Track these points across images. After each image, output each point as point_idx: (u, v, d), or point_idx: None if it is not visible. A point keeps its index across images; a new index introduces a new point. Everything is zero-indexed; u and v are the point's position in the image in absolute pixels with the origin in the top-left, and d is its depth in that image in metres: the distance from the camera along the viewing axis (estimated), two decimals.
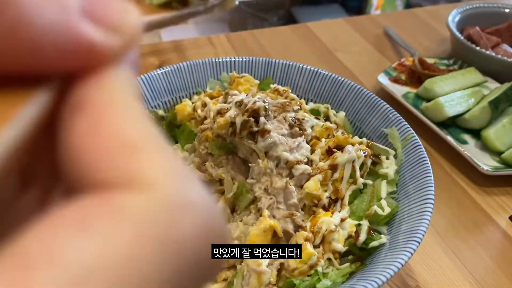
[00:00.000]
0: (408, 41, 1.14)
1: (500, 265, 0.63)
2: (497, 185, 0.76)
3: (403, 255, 0.47)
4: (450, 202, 0.72)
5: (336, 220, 0.53)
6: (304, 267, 0.50)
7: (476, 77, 0.93)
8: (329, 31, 1.17)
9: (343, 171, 0.57)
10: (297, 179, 0.56)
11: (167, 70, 0.72)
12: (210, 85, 0.74)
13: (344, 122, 0.69)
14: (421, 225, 0.51)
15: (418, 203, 0.55)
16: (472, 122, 0.82)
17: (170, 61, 1.01)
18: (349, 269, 0.52)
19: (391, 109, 0.67)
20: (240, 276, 0.49)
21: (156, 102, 0.72)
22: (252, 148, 0.57)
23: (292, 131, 0.59)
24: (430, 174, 0.57)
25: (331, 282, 0.49)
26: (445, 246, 0.66)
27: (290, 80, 0.76)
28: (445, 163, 0.80)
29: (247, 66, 0.76)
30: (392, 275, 0.45)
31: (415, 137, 0.62)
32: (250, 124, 0.56)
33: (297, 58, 1.05)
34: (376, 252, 0.53)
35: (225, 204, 0.58)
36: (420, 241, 0.49)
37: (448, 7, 1.28)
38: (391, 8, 2.99)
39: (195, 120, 0.68)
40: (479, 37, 1.01)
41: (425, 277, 0.61)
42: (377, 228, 0.56)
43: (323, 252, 0.52)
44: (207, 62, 0.75)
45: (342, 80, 0.72)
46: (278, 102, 0.62)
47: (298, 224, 0.53)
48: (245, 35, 1.13)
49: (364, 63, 1.06)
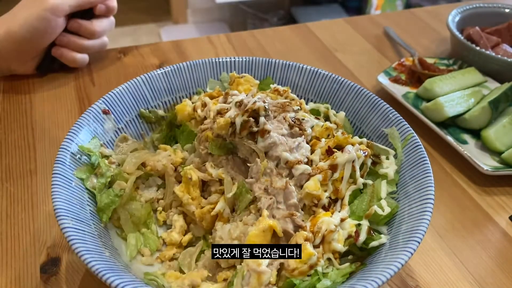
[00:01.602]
0: (408, 41, 1.14)
1: (500, 265, 0.64)
2: (497, 185, 0.76)
3: (403, 255, 0.47)
4: (450, 202, 0.72)
5: (336, 220, 0.53)
6: (304, 267, 0.50)
7: (476, 77, 0.93)
8: (329, 31, 1.17)
9: (343, 171, 0.57)
10: (297, 179, 0.56)
11: (167, 70, 0.72)
12: (210, 85, 0.74)
13: (344, 122, 0.69)
14: (421, 225, 0.51)
15: (418, 203, 0.55)
16: (472, 122, 0.82)
17: (170, 61, 1.01)
18: (349, 269, 0.52)
19: (391, 109, 0.67)
20: (240, 276, 0.49)
21: (156, 102, 0.72)
22: (252, 148, 0.57)
23: (292, 131, 0.59)
24: (430, 174, 0.57)
25: (331, 282, 0.49)
26: (445, 246, 0.66)
27: (290, 80, 0.76)
28: (445, 163, 0.80)
29: (247, 66, 0.76)
30: (392, 275, 0.45)
31: (415, 137, 0.62)
32: (250, 124, 0.56)
33: (297, 58, 1.05)
34: (376, 252, 0.53)
35: (225, 204, 0.58)
36: (420, 241, 0.49)
37: (448, 7, 1.28)
38: (391, 8, 3.00)
39: (195, 120, 0.68)
40: (479, 37, 1.01)
41: (425, 277, 0.61)
42: (377, 228, 0.56)
43: (323, 252, 0.52)
44: (207, 62, 0.75)
45: (342, 80, 0.72)
46: (278, 102, 0.62)
47: (298, 224, 0.53)
48: (245, 35, 1.13)
49: (364, 63, 1.06)
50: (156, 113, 0.71)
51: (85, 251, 0.46)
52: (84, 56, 0.94)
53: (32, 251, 0.61)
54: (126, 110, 0.68)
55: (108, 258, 0.49)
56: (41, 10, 0.82)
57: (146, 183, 0.66)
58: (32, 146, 0.77)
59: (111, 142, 0.66)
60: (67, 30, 0.89)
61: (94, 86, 0.92)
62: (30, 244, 0.62)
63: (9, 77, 0.91)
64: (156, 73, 0.71)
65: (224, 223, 0.57)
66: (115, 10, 0.93)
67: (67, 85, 0.91)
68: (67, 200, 0.52)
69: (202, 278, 0.53)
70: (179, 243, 0.60)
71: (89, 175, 0.58)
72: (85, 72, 0.95)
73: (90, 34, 0.91)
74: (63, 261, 0.60)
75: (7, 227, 0.64)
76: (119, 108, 0.67)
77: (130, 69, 0.98)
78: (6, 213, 0.66)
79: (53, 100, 0.87)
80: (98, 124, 0.64)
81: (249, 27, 3.00)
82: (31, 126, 0.81)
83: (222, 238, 0.55)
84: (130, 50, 1.04)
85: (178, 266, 0.57)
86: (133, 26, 3.14)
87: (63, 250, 0.61)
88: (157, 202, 0.65)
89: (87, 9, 0.89)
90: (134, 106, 0.69)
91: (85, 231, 0.51)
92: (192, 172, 0.60)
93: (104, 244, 0.53)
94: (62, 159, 0.56)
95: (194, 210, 0.59)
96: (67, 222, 0.49)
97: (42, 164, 0.73)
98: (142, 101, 0.70)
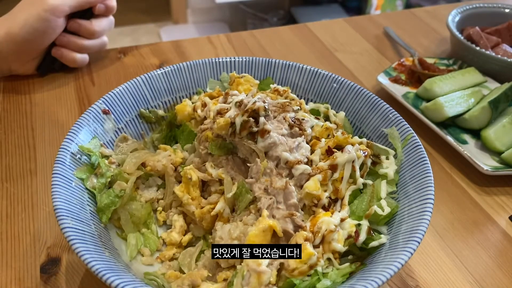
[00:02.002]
0: (408, 41, 1.14)
1: (500, 265, 0.64)
2: (497, 185, 0.76)
3: (403, 255, 0.47)
4: (450, 202, 0.72)
5: (336, 220, 0.53)
6: (304, 267, 0.50)
7: (476, 77, 0.93)
8: (329, 31, 1.17)
9: (343, 171, 0.57)
10: (297, 179, 0.56)
11: (167, 70, 0.72)
12: (210, 85, 0.74)
13: (344, 122, 0.69)
14: (421, 225, 0.51)
15: (418, 203, 0.55)
16: (472, 122, 0.82)
17: (170, 61, 1.01)
18: (349, 269, 0.52)
19: (391, 109, 0.67)
20: (240, 276, 0.49)
21: (156, 102, 0.72)
22: (252, 148, 0.57)
23: (292, 131, 0.59)
24: (430, 174, 0.57)
25: (331, 282, 0.49)
26: (445, 246, 0.66)
27: (290, 80, 0.76)
28: (445, 163, 0.80)
29: (247, 66, 0.76)
30: (392, 275, 0.45)
31: (415, 137, 0.62)
32: (250, 124, 0.56)
33: (297, 58, 1.05)
34: (376, 252, 0.53)
35: (225, 204, 0.58)
36: (420, 241, 0.49)
37: (448, 7, 1.28)
38: (391, 8, 3.00)
39: (195, 120, 0.68)
40: (479, 37, 1.01)
41: (425, 277, 0.61)
42: (376, 228, 0.56)
43: (323, 252, 0.52)
44: (207, 62, 0.75)
45: (342, 80, 0.72)
46: (278, 102, 0.62)
47: (298, 224, 0.53)
48: (245, 35, 1.13)
49: (364, 63, 1.06)
50: (156, 113, 0.71)
51: (85, 251, 0.46)
52: (84, 56, 0.94)
53: (32, 251, 0.61)
54: (126, 110, 0.68)
55: (108, 258, 0.49)
56: (41, 11, 0.82)
57: (146, 183, 0.66)
58: (32, 146, 0.77)
59: (111, 142, 0.66)
60: (66, 30, 0.89)
61: (94, 86, 0.92)
62: (30, 244, 0.62)
63: (9, 77, 0.91)
64: (156, 73, 0.71)
65: (224, 223, 0.57)
66: (115, 9, 0.93)
67: (67, 85, 0.91)
68: (67, 200, 0.52)
69: (202, 278, 0.53)
70: (179, 243, 0.60)
71: (89, 175, 0.58)
72: (85, 72, 0.95)
73: (90, 34, 0.90)
74: (63, 261, 0.60)
75: (7, 227, 0.64)
76: (119, 108, 0.67)
77: (130, 69, 0.98)
78: (6, 213, 0.66)
79: (53, 100, 0.87)
80: (98, 124, 0.64)
81: (249, 27, 3.00)
82: (31, 126, 0.81)
83: (222, 238, 0.55)
84: (130, 50, 1.04)
85: (178, 266, 0.57)
86: (133, 26, 3.14)
87: (63, 250, 0.61)
88: (157, 202, 0.65)
89: (87, 9, 0.89)
90: (134, 106, 0.69)
91: (85, 231, 0.51)
92: (192, 172, 0.60)
93: (104, 244, 0.53)
94: (62, 159, 0.56)
95: (194, 210, 0.59)
96: (67, 222, 0.49)
97: (42, 164, 0.73)
98: (142, 101, 0.70)
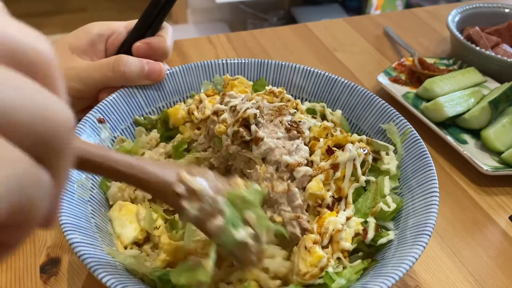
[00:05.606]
0: (408, 41, 1.14)
1: (500, 265, 0.64)
2: (497, 185, 0.76)
3: (416, 249, 0.48)
4: (450, 202, 0.72)
5: (342, 219, 0.53)
6: (315, 270, 0.49)
7: (476, 77, 0.93)
8: (329, 31, 1.17)
9: (345, 169, 0.57)
10: (298, 182, 0.56)
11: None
12: (205, 87, 0.73)
13: (341, 120, 0.69)
14: (430, 218, 0.51)
15: (422, 197, 0.55)
16: (472, 122, 0.82)
17: (170, 61, 1.01)
18: (362, 265, 0.52)
19: (387, 104, 0.67)
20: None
21: (151, 108, 0.71)
22: (248, 157, 0.57)
23: (290, 134, 0.59)
24: (432, 167, 0.57)
25: (346, 281, 0.49)
26: (445, 246, 0.66)
27: (284, 80, 0.75)
28: (445, 163, 0.80)
29: (240, 68, 0.76)
30: (408, 269, 0.46)
31: (414, 131, 0.63)
32: (241, 135, 0.56)
33: (296, 58, 1.05)
34: (386, 248, 0.54)
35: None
36: (430, 234, 0.49)
37: (448, 7, 1.28)
38: (391, 8, 2.99)
39: (191, 123, 0.68)
40: (479, 37, 1.01)
41: (425, 277, 0.61)
42: (383, 224, 0.57)
43: (332, 252, 0.52)
44: (199, 66, 0.74)
45: (336, 78, 0.72)
46: (275, 106, 0.62)
47: (305, 227, 0.53)
48: (245, 35, 1.13)
49: (364, 63, 1.06)
50: (151, 120, 0.70)
51: (88, 255, 0.46)
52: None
53: (32, 251, 0.61)
54: (121, 118, 0.67)
55: (109, 259, 0.49)
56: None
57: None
58: None
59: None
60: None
61: None
62: (30, 244, 0.62)
63: None
64: None
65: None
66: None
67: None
68: (72, 214, 0.51)
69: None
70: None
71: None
72: None
73: (163, 53, 0.72)
74: (63, 261, 0.60)
75: None
76: (114, 116, 0.66)
77: None
78: None
79: None
80: (95, 134, 0.62)
81: (249, 27, 3.00)
82: None
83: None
84: None
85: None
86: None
87: (63, 250, 0.61)
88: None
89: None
90: (129, 114, 0.68)
91: (91, 243, 0.49)
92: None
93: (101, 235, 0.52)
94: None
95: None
96: (75, 236, 0.47)
97: None
98: (136, 108, 0.69)
